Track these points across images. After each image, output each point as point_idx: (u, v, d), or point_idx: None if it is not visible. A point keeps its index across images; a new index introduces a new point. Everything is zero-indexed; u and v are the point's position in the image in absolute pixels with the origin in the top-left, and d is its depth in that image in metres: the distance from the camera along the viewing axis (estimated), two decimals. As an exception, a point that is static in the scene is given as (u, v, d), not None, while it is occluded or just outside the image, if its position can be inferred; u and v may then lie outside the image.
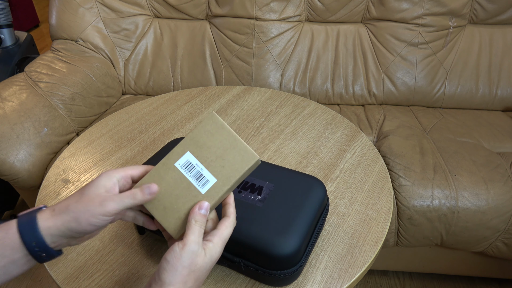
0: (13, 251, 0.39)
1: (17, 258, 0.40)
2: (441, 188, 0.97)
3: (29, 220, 0.40)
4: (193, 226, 0.42)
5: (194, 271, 0.41)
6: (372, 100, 1.38)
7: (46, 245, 0.40)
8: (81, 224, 0.40)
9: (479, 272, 1.17)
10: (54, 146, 1.13)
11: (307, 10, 1.38)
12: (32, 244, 0.39)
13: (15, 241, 0.39)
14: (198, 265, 0.41)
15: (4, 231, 0.40)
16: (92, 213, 0.40)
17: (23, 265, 0.40)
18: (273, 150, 0.85)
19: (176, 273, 0.40)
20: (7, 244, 0.39)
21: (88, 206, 0.40)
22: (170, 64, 1.43)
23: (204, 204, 0.44)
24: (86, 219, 0.40)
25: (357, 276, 0.59)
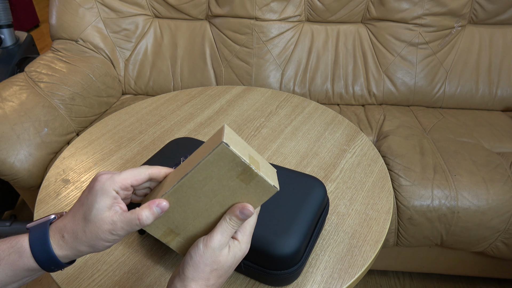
0: (28, 272, 0.39)
1: (31, 274, 0.40)
2: (441, 188, 0.97)
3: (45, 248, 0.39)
4: (224, 224, 0.41)
5: (216, 269, 0.40)
6: (372, 100, 1.38)
7: (63, 264, 0.40)
8: (98, 249, 0.40)
9: (479, 272, 1.17)
10: (54, 146, 1.13)
11: (307, 10, 1.38)
12: (51, 268, 0.40)
13: (30, 264, 0.39)
14: (221, 264, 0.40)
15: (17, 254, 0.39)
16: (105, 239, 0.39)
17: (36, 276, 0.41)
18: (273, 150, 0.85)
19: (199, 269, 0.39)
20: (21, 266, 0.39)
21: (98, 235, 0.39)
22: (170, 64, 1.43)
23: (247, 208, 0.41)
24: (101, 245, 0.40)
25: (357, 276, 0.59)
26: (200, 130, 0.93)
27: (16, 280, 0.40)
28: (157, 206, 0.40)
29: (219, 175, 0.40)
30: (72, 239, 0.39)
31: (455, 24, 1.29)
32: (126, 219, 0.39)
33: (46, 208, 0.72)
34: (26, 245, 0.39)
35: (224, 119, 0.96)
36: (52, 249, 0.39)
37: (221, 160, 0.39)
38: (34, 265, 0.39)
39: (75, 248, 0.39)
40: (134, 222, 0.39)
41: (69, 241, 0.39)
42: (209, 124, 0.95)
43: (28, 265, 0.39)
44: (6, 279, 0.39)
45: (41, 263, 0.39)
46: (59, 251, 0.39)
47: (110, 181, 0.40)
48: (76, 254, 0.40)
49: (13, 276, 0.39)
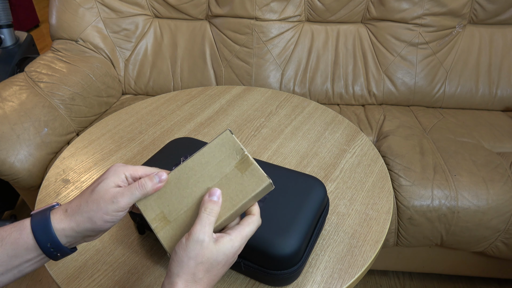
0: (27, 251, 0.40)
1: (31, 258, 0.40)
2: (441, 188, 0.97)
3: (43, 221, 0.40)
4: (201, 214, 0.41)
5: (202, 263, 0.39)
6: (372, 100, 1.38)
7: (61, 245, 0.40)
8: (96, 223, 0.41)
9: (479, 272, 1.17)
10: (54, 146, 1.13)
11: (307, 10, 1.38)
12: (47, 245, 0.40)
13: (29, 242, 0.39)
14: (206, 257, 0.39)
15: (18, 231, 0.40)
16: (105, 211, 0.40)
17: (36, 263, 0.41)
18: (273, 150, 0.85)
19: (183, 264, 0.39)
20: (21, 244, 0.39)
21: (100, 204, 0.40)
22: (170, 64, 1.43)
23: (216, 191, 0.43)
24: (100, 217, 0.40)
25: (357, 276, 0.59)
26: (200, 130, 0.93)
27: (16, 264, 0.40)
28: (157, 175, 0.43)
29: (219, 160, 0.44)
30: (74, 211, 0.41)
31: (457, 26, 1.29)
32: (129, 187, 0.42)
33: (46, 208, 0.72)
34: (28, 222, 0.40)
35: (224, 119, 0.96)
36: (50, 225, 0.40)
37: (224, 145, 0.44)
38: (33, 242, 0.39)
39: (74, 220, 0.40)
40: (134, 186, 0.42)
41: (70, 213, 0.41)
42: (209, 124, 0.95)
43: (28, 243, 0.39)
44: (7, 260, 0.39)
45: (38, 239, 0.39)
46: (57, 224, 0.40)
47: (123, 167, 0.44)
48: (74, 228, 0.40)
49: (13, 257, 0.39)
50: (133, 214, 0.65)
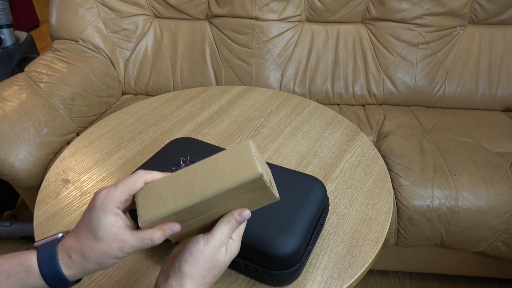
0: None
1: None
2: (441, 188, 0.97)
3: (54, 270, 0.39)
4: (224, 226, 0.42)
5: (214, 267, 0.41)
6: (372, 100, 1.38)
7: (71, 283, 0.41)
8: (106, 265, 0.40)
9: (479, 272, 1.17)
10: (54, 146, 1.13)
11: (307, 10, 1.38)
12: (59, 286, 0.40)
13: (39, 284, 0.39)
14: (219, 262, 0.41)
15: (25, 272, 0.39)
16: (113, 256, 0.40)
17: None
18: (273, 150, 0.85)
19: (198, 266, 0.40)
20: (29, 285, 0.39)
21: (108, 252, 0.39)
22: (170, 64, 1.43)
23: (245, 212, 0.43)
24: (110, 262, 0.40)
25: (357, 276, 0.59)
26: (200, 130, 0.93)
27: None
28: (170, 229, 0.41)
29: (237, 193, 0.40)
30: (80, 259, 0.39)
31: (458, 27, 1.29)
32: (138, 239, 0.40)
33: (46, 208, 0.72)
34: (35, 263, 0.39)
35: (224, 119, 0.96)
36: (60, 269, 0.39)
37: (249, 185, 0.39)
38: (42, 284, 0.39)
39: (83, 267, 0.40)
40: (146, 242, 0.40)
41: (76, 260, 0.39)
42: (209, 124, 0.95)
43: (36, 284, 0.39)
44: None
45: (50, 283, 0.39)
46: (67, 270, 0.40)
47: (108, 199, 0.40)
48: (83, 272, 0.40)
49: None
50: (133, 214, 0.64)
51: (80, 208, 0.72)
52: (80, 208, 0.72)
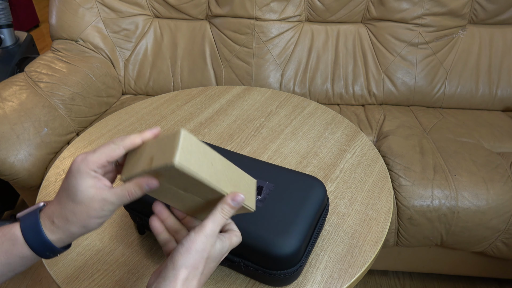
0: (22, 260, 0.40)
1: (25, 262, 0.41)
2: (441, 188, 0.97)
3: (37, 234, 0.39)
4: (217, 214, 0.42)
5: (205, 258, 0.41)
6: (372, 100, 1.38)
7: (58, 250, 0.41)
8: (90, 227, 0.41)
9: (479, 272, 1.17)
10: (54, 146, 1.13)
11: (307, 10, 1.38)
12: (46, 254, 0.40)
13: (25, 252, 0.39)
14: (211, 253, 0.41)
15: (10, 242, 0.39)
16: (96, 216, 0.40)
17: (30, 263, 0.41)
18: (273, 150, 0.85)
19: (190, 255, 0.40)
20: (16, 254, 0.39)
21: (90, 213, 0.40)
22: (170, 64, 1.43)
23: (239, 196, 0.42)
24: (93, 222, 0.40)
25: (357, 276, 0.59)
26: (200, 130, 0.93)
27: (11, 270, 0.40)
28: (147, 184, 0.41)
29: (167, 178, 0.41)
30: (63, 223, 0.40)
31: (460, 31, 1.29)
32: (116, 195, 0.40)
33: (46, 208, 0.72)
34: (19, 233, 0.39)
35: (224, 119, 0.96)
36: (45, 235, 0.39)
37: (166, 171, 0.39)
38: (29, 252, 0.39)
39: (67, 230, 0.40)
40: (124, 197, 0.40)
41: (60, 225, 0.40)
42: (209, 124, 0.95)
43: (23, 253, 0.39)
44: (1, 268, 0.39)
45: (36, 250, 0.39)
46: (51, 235, 0.40)
47: (84, 163, 0.40)
48: (69, 236, 0.40)
49: (7, 265, 0.39)
50: (133, 214, 0.65)
51: (80, 208, 0.72)
52: (80, 208, 0.72)
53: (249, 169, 0.64)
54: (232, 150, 0.83)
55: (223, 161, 0.44)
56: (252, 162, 0.66)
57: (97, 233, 0.67)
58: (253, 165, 0.65)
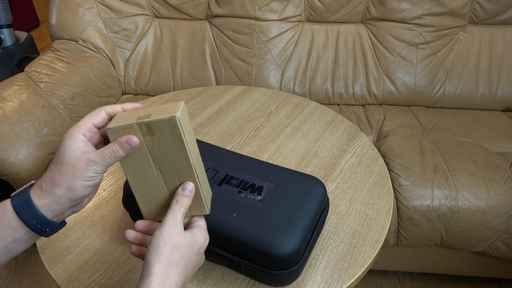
0: (12, 231, 0.40)
1: (18, 237, 0.41)
2: (441, 188, 0.97)
3: (24, 199, 0.41)
4: (173, 206, 0.44)
5: (176, 248, 0.42)
6: (372, 100, 1.38)
7: (47, 220, 0.41)
8: (76, 191, 0.41)
9: (479, 272, 1.17)
10: (54, 146, 1.13)
11: (307, 10, 1.38)
12: (33, 222, 0.41)
13: (13, 221, 0.40)
14: (180, 242, 0.42)
15: (0, 213, 0.40)
16: (82, 178, 0.41)
17: (26, 242, 0.42)
18: (273, 150, 0.85)
19: (159, 249, 0.41)
20: (5, 225, 0.40)
21: (75, 174, 0.40)
22: (170, 64, 1.43)
23: (189, 185, 0.45)
24: (78, 185, 0.41)
25: (357, 276, 0.59)
26: (200, 130, 0.93)
27: (4, 245, 0.40)
28: (127, 142, 0.42)
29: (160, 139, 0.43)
30: (50, 186, 0.41)
31: (461, 32, 1.29)
32: (99, 154, 0.41)
33: (46, 208, 0.72)
34: (8, 203, 0.41)
35: (224, 119, 0.96)
36: (32, 201, 0.40)
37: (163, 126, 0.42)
38: (17, 221, 0.40)
39: (53, 193, 0.41)
40: (106, 155, 0.42)
41: (47, 188, 0.41)
42: (209, 124, 0.95)
43: (12, 223, 0.40)
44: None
45: (23, 217, 0.40)
46: (38, 201, 0.40)
47: (73, 128, 0.43)
48: (55, 201, 0.41)
49: None
50: (133, 214, 0.65)
51: (80, 208, 0.72)
52: (80, 208, 0.72)
53: (249, 169, 0.64)
54: (232, 150, 0.83)
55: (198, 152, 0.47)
56: (252, 162, 0.66)
57: (97, 233, 0.67)
58: (253, 165, 0.65)
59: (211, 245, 0.57)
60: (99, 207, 0.72)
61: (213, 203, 0.58)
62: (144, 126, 0.42)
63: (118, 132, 0.42)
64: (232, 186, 0.61)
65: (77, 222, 0.69)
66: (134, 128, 0.42)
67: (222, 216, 0.56)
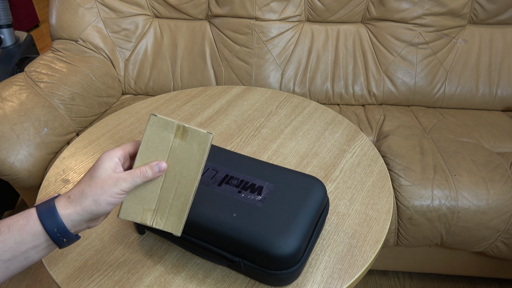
0: (34, 238, 0.42)
1: (38, 244, 0.43)
2: (441, 188, 0.97)
3: (49, 208, 0.43)
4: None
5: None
6: (372, 100, 1.38)
7: (67, 230, 0.43)
8: (100, 205, 0.44)
9: (479, 272, 1.17)
10: (54, 146, 1.13)
11: (307, 10, 1.38)
12: (54, 230, 0.43)
13: (36, 228, 0.42)
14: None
15: (25, 218, 0.42)
16: (109, 194, 0.44)
17: (43, 250, 0.44)
18: (273, 150, 0.85)
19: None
20: (28, 231, 0.42)
21: (104, 188, 0.44)
22: (170, 64, 1.43)
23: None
24: (104, 199, 0.44)
25: (357, 276, 0.59)
26: (200, 130, 0.93)
27: (23, 250, 0.42)
28: (157, 166, 0.48)
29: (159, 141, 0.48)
30: (78, 196, 0.44)
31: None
32: (130, 173, 0.46)
33: (46, 208, 0.72)
34: (34, 211, 0.43)
35: (224, 119, 0.96)
36: (56, 210, 0.43)
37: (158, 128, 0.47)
38: (40, 228, 0.42)
39: (79, 204, 0.43)
40: (136, 174, 0.46)
41: (74, 199, 0.44)
42: (209, 124, 0.95)
43: (34, 229, 0.42)
44: (15, 246, 0.41)
45: (45, 224, 0.42)
46: (62, 210, 0.43)
47: (112, 150, 0.47)
48: (79, 212, 0.43)
49: (20, 243, 0.41)
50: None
51: (80, 208, 0.72)
52: (80, 208, 0.72)
53: (249, 169, 0.64)
54: (232, 150, 0.83)
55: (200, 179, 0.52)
56: (252, 162, 0.66)
57: (97, 233, 0.67)
58: (253, 165, 0.65)
59: (211, 245, 0.57)
60: (99, 207, 0.72)
61: (213, 203, 0.58)
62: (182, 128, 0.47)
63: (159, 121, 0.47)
64: (232, 186, 0.61)
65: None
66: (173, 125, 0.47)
67: (222, 216, 0.56)
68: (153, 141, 0.47)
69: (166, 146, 0.47)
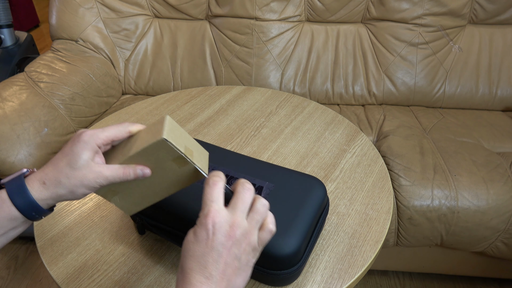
0: (11, 221, 0.43)
1: (16, 225, 0.43)
2: (441, 188, 0.97)
3: (23, 194, 0.42)
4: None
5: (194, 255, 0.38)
6: (372, 100, 1.38)
7: (43, 210, 0.44)
8: (76, 194, 0.44)
9: (479, 272, 1.17)
10: (54, 146, 1.13)
11: (307, 10, 1.38)
12: (32, 214, 0.43)
13: (12, 213, 0.42)
14: (193, 248, 0.38)
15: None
16: (87, 186, 0.43)
17: (20, 227, 0.44)
18: (273, 150, 0.85)
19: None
20: (4, 216, 0.42)
21: (83, 182, 0.43)
22: (170, 64, 1.43)
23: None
24: (81, 192, 0.43)
25: (357, 276, 0.59)
26: (200, 130, 0.93)
27: (2, 233, 0.42)
28: (141, 170, 0.45)
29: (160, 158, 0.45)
30: (54, 185, 0.43)
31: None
32: (112, 170, 0.44)
33: (46, 208, 0.72)
34: (5, 195, 0.42)
35: (224, 119, 0.96)
36: (30, 195, 0.42)
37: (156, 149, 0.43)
38: (16, 213, 0.42)
39: (55, 193, 0.43)
40: (118, 173, 0.44)
41: (50, 186, 0.43)
42: (209, 124, 0.95)
43: (10, 214, 0.42)
44: None
45: (22, 209, 0.42)
46: (38, 196, 0.43)
47: (93, 137, 0.44)
48: (54, 198, 0.43)
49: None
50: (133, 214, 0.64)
51: (80, 208, 0.72)
52: (80, 208, 0.72)
53: (249, 169, 0.64)
54: (232, 150, 0.83)
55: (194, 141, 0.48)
56: (252, 162, 0.66)
57: (97, 233, 0.67)
58: (253, 165, 0.65)
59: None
60: (99, 207, 0.72)
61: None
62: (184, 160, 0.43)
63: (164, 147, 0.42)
64: (232, 186, 0.61)
65: (77, 222, 0.69)
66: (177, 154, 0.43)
67: (222, 216, 0.56)
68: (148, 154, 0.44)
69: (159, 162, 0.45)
